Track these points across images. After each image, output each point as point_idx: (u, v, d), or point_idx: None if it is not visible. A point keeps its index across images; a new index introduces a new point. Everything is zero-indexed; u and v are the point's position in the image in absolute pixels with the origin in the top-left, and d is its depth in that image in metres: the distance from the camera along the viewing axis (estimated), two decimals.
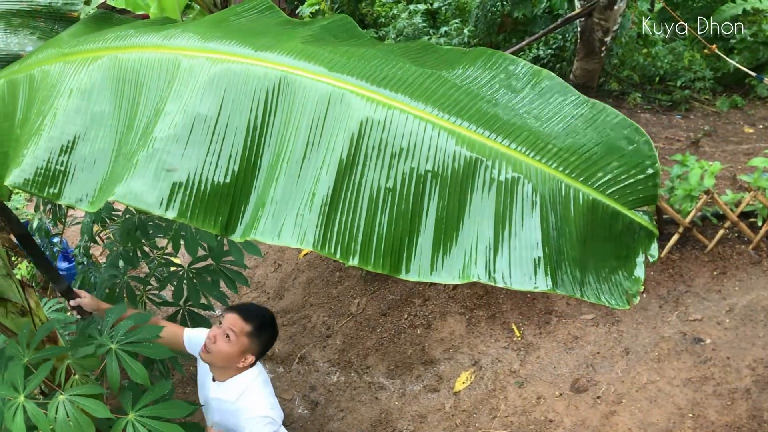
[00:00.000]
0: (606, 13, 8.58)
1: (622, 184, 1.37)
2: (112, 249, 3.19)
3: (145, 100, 1.44)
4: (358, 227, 1.29)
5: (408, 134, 1.33)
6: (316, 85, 1.38)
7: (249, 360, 2.44)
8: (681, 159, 4.79)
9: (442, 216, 1.31)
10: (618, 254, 1.41)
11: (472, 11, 11.34)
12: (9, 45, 2.02)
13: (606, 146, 1.36)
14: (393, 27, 11.63)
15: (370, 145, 1.33)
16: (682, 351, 3.96)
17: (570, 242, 1.34)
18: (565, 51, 10.09)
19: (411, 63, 1.45)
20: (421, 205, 1.31)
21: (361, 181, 1.32)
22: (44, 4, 2.09)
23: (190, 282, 2.97)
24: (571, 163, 1.35)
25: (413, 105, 1.35)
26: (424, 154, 1.32)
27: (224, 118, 1.38)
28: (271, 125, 1.39)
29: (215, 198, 1.34)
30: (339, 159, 1.32)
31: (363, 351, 4.60)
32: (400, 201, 1.31)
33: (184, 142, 1.36)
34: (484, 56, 1.55)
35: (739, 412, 3.46)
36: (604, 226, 1.38)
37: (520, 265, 1.30)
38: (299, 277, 5.60)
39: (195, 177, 1.34)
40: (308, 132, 1.36)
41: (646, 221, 1.39)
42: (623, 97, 9.34)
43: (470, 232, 1.31)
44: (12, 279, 2.13)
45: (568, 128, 1.37)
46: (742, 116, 8.34)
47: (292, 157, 1.35)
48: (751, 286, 4.38)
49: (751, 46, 8.84)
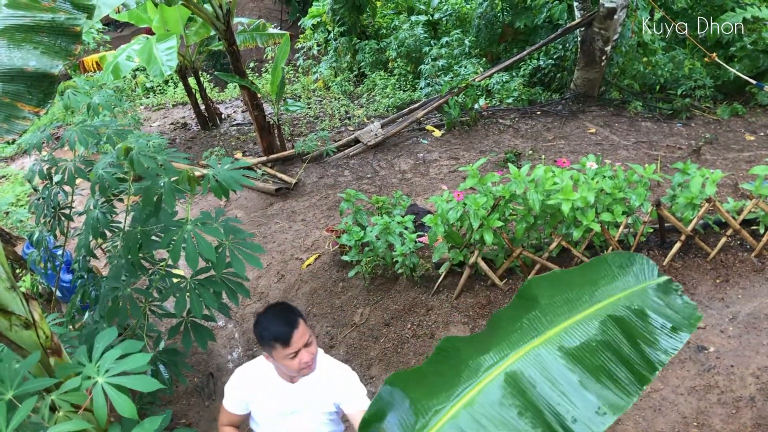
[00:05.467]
0: (606, 22, 8.63)
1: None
2: (113, 262, 3.20)
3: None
4: None
5: None
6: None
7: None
8: (682, 167, 4.80)
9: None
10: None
11: (473, 21, 11.41)
12: (13, 59, 2.04)
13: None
14: (394, 38, 11.71)
15: None
16: (686, 359, 3.95)
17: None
18: (566, 60, 10.14)
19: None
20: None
21: None
22: (47, 20, 2.11)
23: (192, 293, 2.97)
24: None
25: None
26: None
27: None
28: None
29: None
30: None
31: (366, 361, 4.59)
32: None
33: None
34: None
35: (744, 420, 3.45)
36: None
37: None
38: (302, 288, 5.60)
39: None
40: None
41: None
42: (624, 105, 9.36)
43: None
44: (16, 291, 2.13)
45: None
46: (743, 124, 8.35)
47: None
48: (754, 294, 4.37)
49: (751, 54, 8.85)
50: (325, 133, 8.67)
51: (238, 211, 7.53)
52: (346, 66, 12.47)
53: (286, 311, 2.49)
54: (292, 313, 2.48)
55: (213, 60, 15.00)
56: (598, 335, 1.67)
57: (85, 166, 3.32)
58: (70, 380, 1.94)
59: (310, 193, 7.64)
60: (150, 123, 11.77)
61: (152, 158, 2.91)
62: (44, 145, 3.46)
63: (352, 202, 5.50)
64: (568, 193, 4.30)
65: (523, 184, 4.52)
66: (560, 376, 1.60)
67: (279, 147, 8.77)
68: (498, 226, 4.50)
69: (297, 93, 12.11)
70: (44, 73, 2.04)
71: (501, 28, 11.22)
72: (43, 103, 2.04)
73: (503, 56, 11.13)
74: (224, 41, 7.72)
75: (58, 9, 2.16)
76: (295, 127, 10.21)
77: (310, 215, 7.00)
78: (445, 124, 9.12)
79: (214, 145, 9.74)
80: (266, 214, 7.31)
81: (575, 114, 9.16)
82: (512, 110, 9.57)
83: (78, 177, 3.29)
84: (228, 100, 13.05)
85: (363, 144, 8.69)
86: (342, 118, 10.39)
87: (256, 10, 18.28)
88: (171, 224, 2.91)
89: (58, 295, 4.80)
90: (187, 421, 4.43)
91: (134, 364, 1.98)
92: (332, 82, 12.15)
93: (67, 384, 1.93)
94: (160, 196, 2.86)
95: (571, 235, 4.58)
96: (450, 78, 9.87)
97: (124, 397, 1.91)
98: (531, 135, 8.59)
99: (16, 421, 1.76)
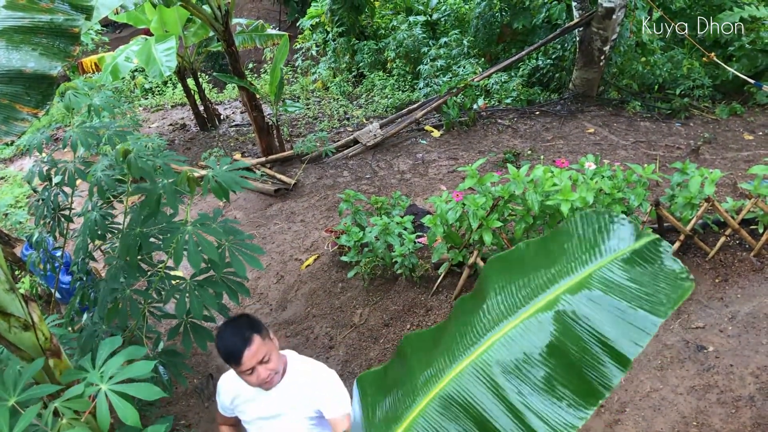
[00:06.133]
0: (604, 22, 8.63)
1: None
2: (111, 263, 3.20)
3: None
4: None
5: None
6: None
7: (277, 345, 2.54)
8: (681, 167, 4.80)
9: None
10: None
11: (472, 22, 11.41)
12: (11, 61, 2.04)
13: None
14: (393, 38, 11.70)
15: None
16: (686, 359, 3.95)
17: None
18: (565, 60, 10.14)
19: None
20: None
21: None
22: (46, 21, 2.11)
23: (192, 294, 2.97)
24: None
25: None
26: None
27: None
28: None
29: None
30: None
31: (366, 362, 4.59)
32: None
33: None
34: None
35: (743, 420, 3.45)
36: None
37: None
38: (302, 289, 5.60)
39: None
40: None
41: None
42: (623, 105, 9.36)
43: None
44: (15, 293, 2.13)
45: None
46: (741, 123, 8.35)
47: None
48: (753, 293, 4.38)
49: (749, 54, 8.86)
50: (324, 134, 8.68)
51: (237, 212, 7.52)
52: (344, 66, 12.47)
53: (241, 327, 2.40)
54: (249, 328, 2.39)
55: (212, 61, 14.99)
56: (545, 338, 1.41)
57: (85, 168, 3.31)
58: (73, 387, 1.94)
59: (309, 193, 7.64)
60: (149, 124, 11.77)
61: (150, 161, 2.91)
62: (44, 146, 3.45)
63: (351, 202, 5.50)
64: (567, 194, 4.30)
65: (522, 184, 4.53)
66: (497, 396, 1.41)
67: (278, 148, 8.77)
68: (497, 227, 4.50)
69: (296, 94, 12.11)
70: (43, 75, 2.04)
71: (499, 28, 11.22)
72: (42, 104, 2.04)
73: (502, 56, 11.14)
74: (223, 42, 7.72)
75: (56, 10, 2.16)
76: (294, 128, 10.21)
77: (309, 216, 7.00)
78: (443, 124, 9.12)
79: (213, 146, 9.73)
80: (265, 215, 7.30)
81: (574, 114, 9.16)
82: (511, 110, 9.57)
83: (78, 178, 3.29)
84: (227, 100, 13.05)
85: (362, 144, 8.69)
86: (341, 119, 10.39)
87: (254, 10, 18.28)
88: (171, 226, 2.91)
89: (57, 297, 4.79)
90: (186, 422, 4.43)
91: (138, 371, 1.97)
92: (331, 83, 12.15)
93: (70, 391, 1.92)
94: (159, 197, 2.85)
95: None
96: (449, 78, 9.87)
97: (127, 404, 1.90)
98: (530, 135, 8.60)
99: (19, 428, 1.76)
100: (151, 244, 3.03)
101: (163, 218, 3.02)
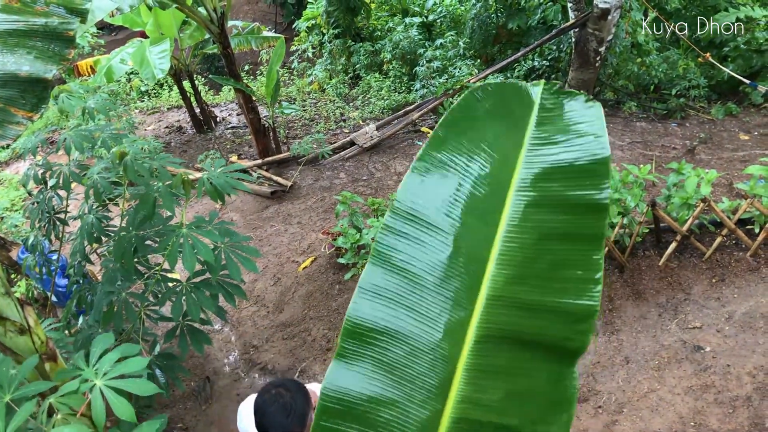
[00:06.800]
0: (600, 23, 8.64)
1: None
2: (107, 266, 3.19)
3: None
4: None
5: None
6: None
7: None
8: (677, 167, 4.81)
9: None
10: None
11: (467, 23, 11.41)
12: (6, 64, 2.03)
13: None
14: (389, 40, 11.70)
15: None
16: (683, 359, 3.95)
17: None
18: (561, 61, 10.15)
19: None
20: None
21: None
22: (41, 24, 2.10)
23: (189, 297, 2.97)
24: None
25: None
26: None
27: None
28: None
29: None
30: None
31: None
32: None
33: None
34: None
35: (740, 420, 3.45)
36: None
37: None
38: (299, 291, 5.59)
39: None
40: None
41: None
42: (619, 106, 9.38)
43: None
44: (11, 297, 2.12)
45: None
46: (737, 123, 8.37)
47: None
48: (750, 293, 4.38)
49: (744, 54, 8.89)
50: (321, 136, 8.67)
51: (233, 214, 7.51)
52: (340, 68, 12.47)
53: (288, 414, 2.19)
54: (294, 414, 2.19)
55: (208, 63, 14.98)
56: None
57: (80, 170, 3.31)
58: (68, 383, 1.94)
59: (305, 195, 7.63)
60: (145, 126, 11.75)
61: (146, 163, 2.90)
62: (39, 149, 3.44)
63: (348, 204, 5.49)
64: None
65: None
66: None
67: (274, 150, 8.77)
68: None
69: (292, 96, 12.11)
70: (38, 78, 2.03)
71: (495, 29, 11.23)
72: (37, 107, 2.03)
73: (498, 57, 11.15)
74: (219, 44, 7.71)
75: (51, 13, 2.15)
76: (291, 130, 10.20)
77: (305, 218, 7.00)
78: None
79: (209, 149, 9.72)
80: (262, 217, 7.30)
81: None
82: None
83: (73, 181, 3.28)
84: (223, 103, 13.03)
85: (358, 146, 8.69)
86: (337, 121, 10.38)
87: (250, 13, 18.28)
88: (166, 228, 2.91)
89: (53, 300, 4.78)
90: (183, 425, 4.42)
91: (132, 367, 1.97)
92: (327, 85, 12.14)
93: (65, 387, 1.92)
94: (154, 200, 2.85)
95: None
96: (445, 79, 9.88)
97: (122, 400, 1.90)
98: None
99: (14, 424, 1.76)
100: (146, 247, 3.03)
101: (159, 221, 3.02)
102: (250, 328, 5.30)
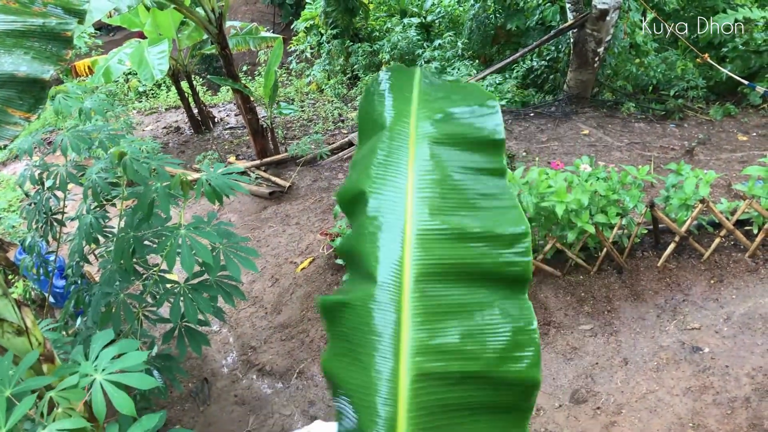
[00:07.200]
0: (598, 24, 8.65)
1: None
2: (105, 267, 3.18)
3: None
4: None
5: None
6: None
7: None
8: (676, 168, 4.81)
9: None
10: None
11: (466, 24, 11.42)
12: (3, 65, 2.02)
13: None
14: (387, 40, 11.70)
15: None
16: (681, 360, 3.95)
17: None
18: (559, 62, 10.16)
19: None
20: None
21: None
22: (38, 25, 2.09)
23: (187, 298, 2.96)
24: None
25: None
26: None
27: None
28: None
29: None
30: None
31: None
32: None
33: None
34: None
35: (739, 421, 3.45)
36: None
37: None
38: (297, 291, 5.58)
39: None
40: None
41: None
42: (617, 106, 9.38)
43: None
44: (8, 298, 2.11)
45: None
46: (735, 124, 8.38)
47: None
48: (749, 294, 4.39)
49: (742, 55, 8.90)
50: (319, 136, 8.66)
51: (231, 215, 7.50)
52: (339, 69, 12.47)
53: None
54: None
55: (206, 63, 14.97)
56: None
57: (77, 171, 3.30)
58: (68, 378, 1.94)
59: (304, 196, 7.62)
60: (143, 127, 11.73)
61: (145, 163, 2.89)
62: (36, 149, 3.43)
63: None
64: (562, 195, 4.31)
65: (517, 186, 4.53)
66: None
67: (272, 150, 8.75)
68: None
69: (290, 96, 12.10)
70: (35, 79, 2.03)
71: (493, 30, 11.23)
72: (34, 108, 2.02)
73: (496, 58, 11.16)
74: (217, 45, 7.70)
75: (49, 14, 2.14)
76: (289, 131, 10.19)
77: (304, 219, 6.99)
78: None
79: (207, 149, 9.71)
80: (260, 217, 7.29)
81: (568, 115, 9.18)
82: (505, 112, 9.58)
83: (70, 182, 3.27)
84: (221, 103, 13.02)
85: (357, 147, 8.67)
86: (335, 121, 10.38)
87: (248, 13, 18.26)
88: (164, 229, 2.90)
89: (51, 301, 4.77)
90: (181, 426, 4.41)
91: (131, 362, 1.98)
92: (325, 85, 12.14)
93: (65, 381, 1.93)
94: (152, 201, 2.84)
95: (566, 237, 4.58)
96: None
97: (122, 394, 1.91)
98: (524, 137, 8.60)
99: (14, 418, 1.76)
100: (145, 248, 3.02)
101: (157, 221, 3.01)
102: (248, 329, 5.29)
